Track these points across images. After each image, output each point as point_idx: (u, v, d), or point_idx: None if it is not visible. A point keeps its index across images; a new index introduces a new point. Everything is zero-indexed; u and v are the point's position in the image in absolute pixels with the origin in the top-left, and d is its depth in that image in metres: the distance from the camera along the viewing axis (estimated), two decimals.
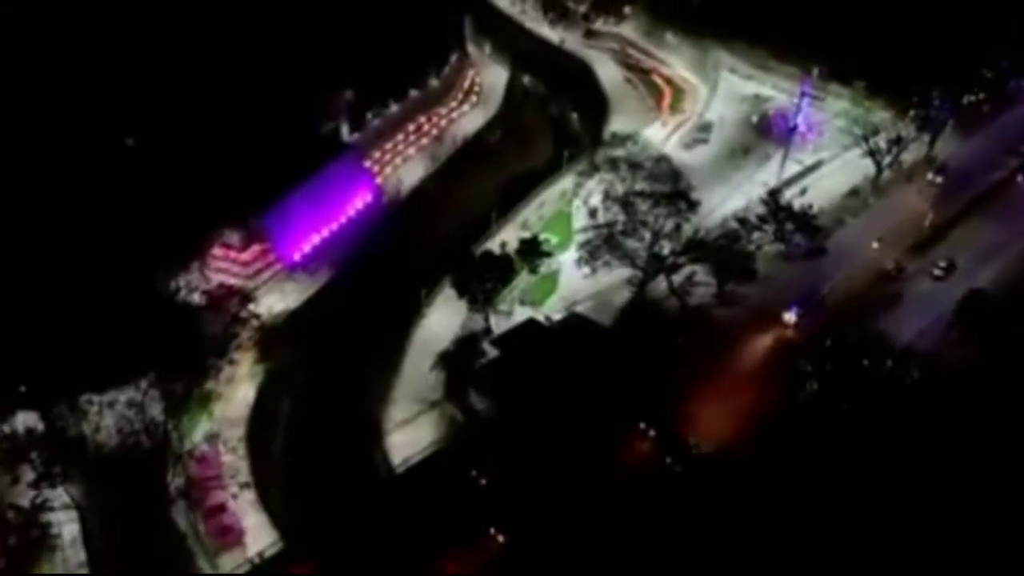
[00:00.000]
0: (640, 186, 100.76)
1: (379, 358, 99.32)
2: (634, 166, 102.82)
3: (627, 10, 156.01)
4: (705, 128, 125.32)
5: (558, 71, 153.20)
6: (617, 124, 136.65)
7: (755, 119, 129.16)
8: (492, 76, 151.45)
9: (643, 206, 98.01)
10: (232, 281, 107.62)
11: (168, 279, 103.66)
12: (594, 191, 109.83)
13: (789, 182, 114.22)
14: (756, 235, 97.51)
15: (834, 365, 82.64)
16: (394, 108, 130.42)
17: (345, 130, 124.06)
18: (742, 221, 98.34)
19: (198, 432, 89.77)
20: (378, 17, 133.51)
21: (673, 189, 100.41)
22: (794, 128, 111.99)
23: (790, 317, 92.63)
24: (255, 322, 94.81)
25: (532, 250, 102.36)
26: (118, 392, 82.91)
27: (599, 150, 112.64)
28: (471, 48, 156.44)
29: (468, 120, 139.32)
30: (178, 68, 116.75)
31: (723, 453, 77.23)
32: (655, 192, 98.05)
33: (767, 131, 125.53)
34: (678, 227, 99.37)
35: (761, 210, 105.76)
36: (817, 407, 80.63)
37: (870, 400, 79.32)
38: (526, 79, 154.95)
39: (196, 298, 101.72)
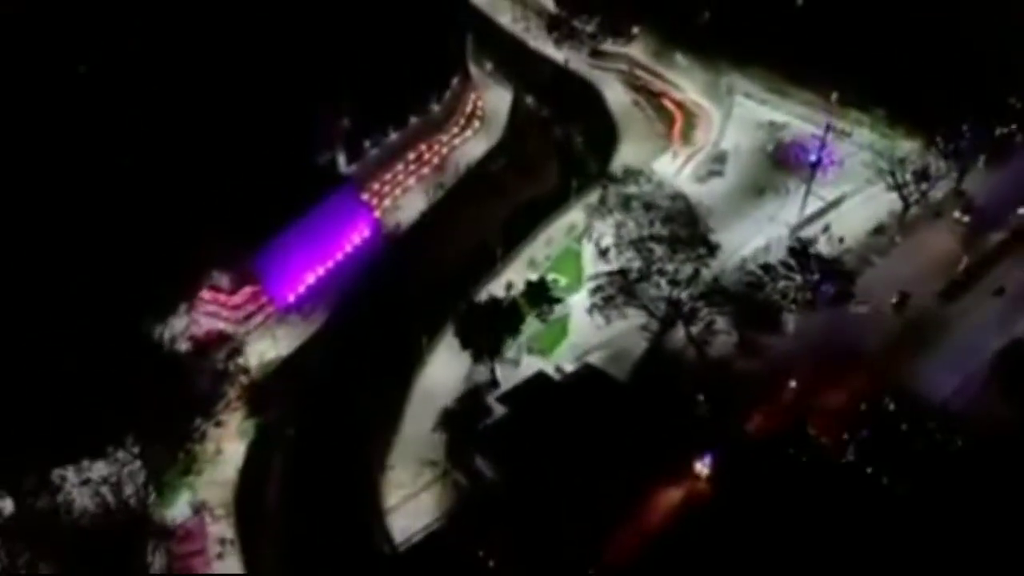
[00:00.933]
0: (655, 229, 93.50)
1: (378, 412, 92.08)
2: (648, 206, 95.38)
3: (635, 30, 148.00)
4: (720, 159, 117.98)
5: (563, 93, 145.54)
6: (626, 151, 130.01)
7: (770, 148, 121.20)
8: (495, 99, 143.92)
9: (660, 251, 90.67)
10: (221, 326, 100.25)
11: (153, 325, 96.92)
12: (605, 230, 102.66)
13: (811, 219, 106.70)
14: (782, 283, 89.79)
15: (871, 432, 75.31)
16: (393, 136, 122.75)
17: (342, 161, 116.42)
18: (766, 268, 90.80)
19: (181, 501, 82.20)
20: (376, 40, 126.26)
21: (691, 232, 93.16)
22: (817, 163, 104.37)
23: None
24: (244, 378, 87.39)
25: (540, 295, 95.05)
26: (94, 462, 75.58)
27: (609, 187, 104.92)
28: (473, 69, 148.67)
29: (470, 147, 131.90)
30: (163, 93, 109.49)
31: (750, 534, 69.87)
32: (672, 236, 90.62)
33: (784, 162, 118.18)
34: (696, 272, 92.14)
35: (783, 251, 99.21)
36: (854, 480, 73.24)
37: (913, 472, 72.11)
38: (529, 100, 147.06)
39: (183, 345, 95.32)
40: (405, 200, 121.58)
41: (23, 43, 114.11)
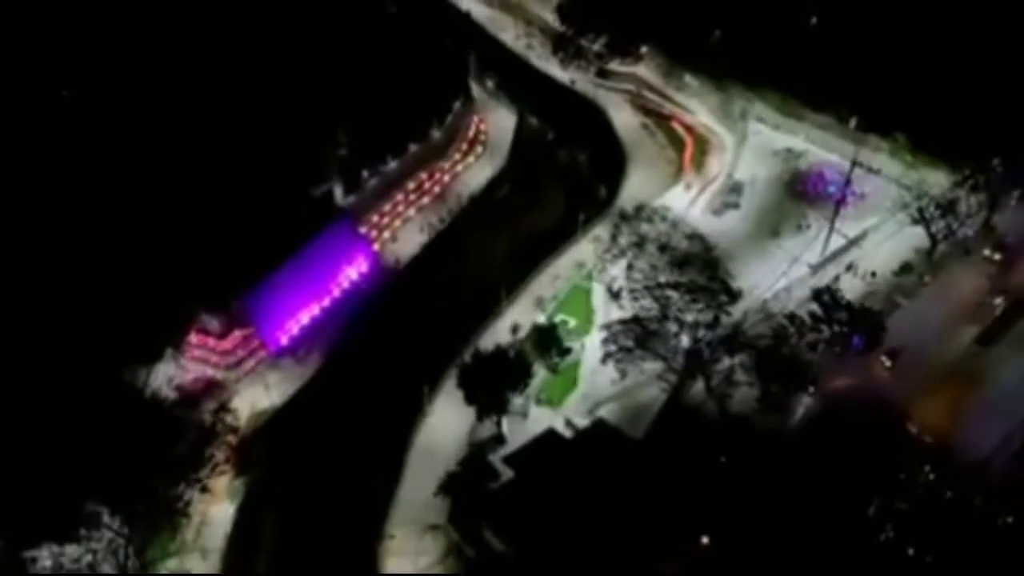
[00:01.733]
0: (671, 274, 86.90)
1: (376, 469, 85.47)
2: (663, 247, 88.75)
3: (643, 49, 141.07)
4: (735, 190, 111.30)
5: (569, 115, 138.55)
6: (635, 179, 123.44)
7: (787, 177, 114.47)
8: (498, 121, 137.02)
9: (677, 297, 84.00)
10: (210, 373, 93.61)
11: (137, 373, 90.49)
12: (616, 269, 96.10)
13: (833, 257, 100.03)
14: (809, 335, 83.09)
15: (911, 504, 68.62)
16: (392, 165, 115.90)
17: (338, 192, 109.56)
18: (792, 318, 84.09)
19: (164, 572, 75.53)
20: (373, 63, 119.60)
21: (710, 276, 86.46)
22: (841, 200, 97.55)
23: None
24: (232, 438, 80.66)
25: (549, 343, 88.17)
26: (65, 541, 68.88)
27: (621, 225, 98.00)
28: (475, 89, 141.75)
29: (473, 174, 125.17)
30: (144, 121, 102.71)
31: None
32: (690, 283, 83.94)
33: (803, 193, 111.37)
34: (716, 319, 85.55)
35: (806, 290, 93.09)
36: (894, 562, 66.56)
37: (959, 550, 65.44)
38: (533, 122, 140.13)
39: (168, 393, 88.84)
40: (405, 232, 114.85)
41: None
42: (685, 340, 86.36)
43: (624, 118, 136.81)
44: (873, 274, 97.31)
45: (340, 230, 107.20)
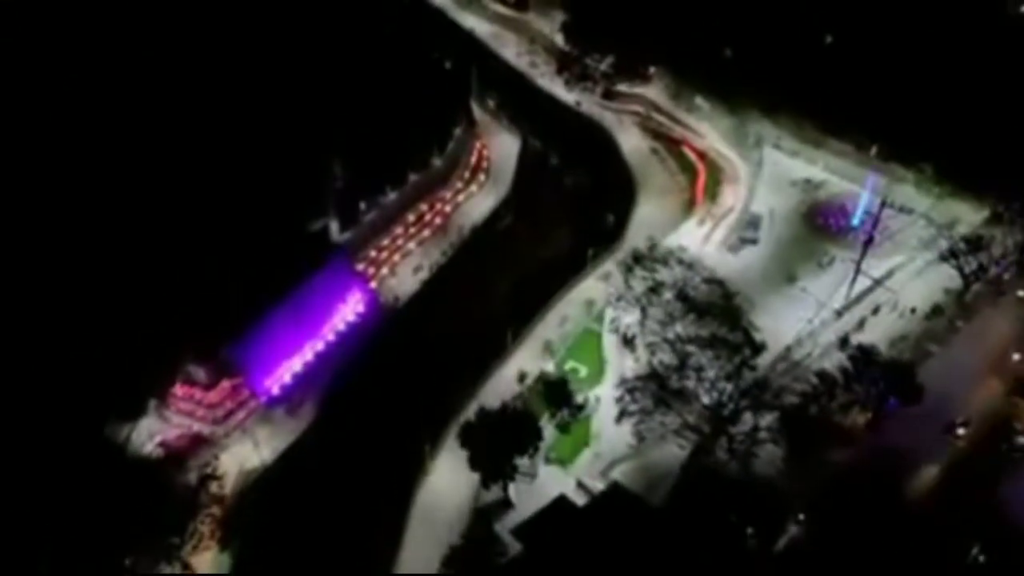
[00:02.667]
0: (689, 324, 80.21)
1: (373, 535, 78.71)
2: (681, 295, 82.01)
3: (651, 69, 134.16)
4: (753, 224, 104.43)
5: (574, 139, 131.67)
6: (645, 209, 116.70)
7: (806, 210, 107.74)
8: (501, 145, 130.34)
9: (698, 353, 77.30)
10: (197, 427, 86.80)
11: (118, 428, 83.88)
12: (629, 316, 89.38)
13: (858, 299, 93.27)
14: (840, 396, 76.38)
15: None
16: (391, 196, 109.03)
17: (334, 228, 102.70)
18: (822, 376, 77.31)
19: None
20: (371, 88, 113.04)
21: (732, 326, 79.70)
22: (869, 242, 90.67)
23: None
24: (217, 509, 73.83)
25: (559, 398, 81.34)
26: None
27: (634, 268, 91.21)
28: (476, 111, 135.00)
29: (476, 203, 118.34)
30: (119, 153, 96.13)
31: None
32: (712, 336, 77.19)
33: (824, 227, 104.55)
34: (739, 371, 78.85)
35: (830, 336, 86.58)
36: None
37: None
38: (536, 144, 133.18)
39: (151, 450, 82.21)
40: (404, 267, 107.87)
41: None
42: (705, 395, 79.69)
43: (632, 142, 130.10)
44: (913, 310, 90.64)
45: (336, 268, 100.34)
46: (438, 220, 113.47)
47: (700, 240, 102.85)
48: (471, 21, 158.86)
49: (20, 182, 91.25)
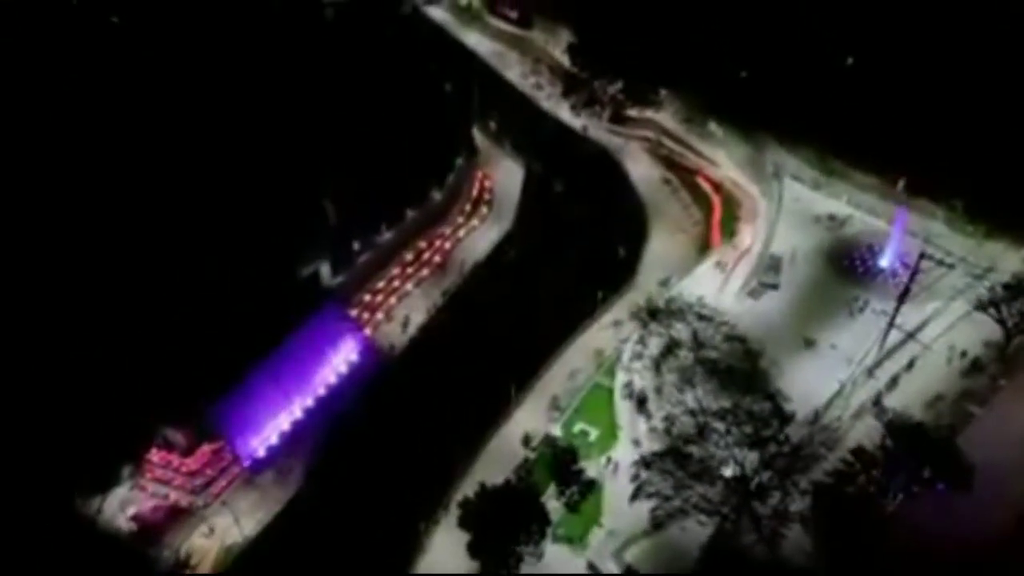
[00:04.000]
0: (709, 392, 72.26)
1: None
2: (701, 360, 74.06)
3: (662, 93, 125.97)
4: (774, 266, 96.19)
5: (582, 166, 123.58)
6: (657, 245, 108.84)
7: (830, 249, 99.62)
8: (504, 175, 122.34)
9: (720, 426, 69.41)
10: (174, 497, 79.00)
11: (87, 499, 76.17)
12: (642, 376, 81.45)
13: (890, 354, 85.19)
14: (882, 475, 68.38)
15: None
16: (387, 235, 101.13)
17: (325, 272, 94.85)
18: (858, 454, 69.26)
19: None
20: (364, 115, 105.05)
21: (756, 393, 71.69)
22: (904, 295, 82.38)
23: None
24: None
25: (568, 474, 73.40)
26: None
27: (650, 325, 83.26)
28: (478, 135, 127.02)
29: (478, 239, 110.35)
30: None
31: None
32: (734, 406, 69.24)
33: (851, 269, 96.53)
34: (765, 442, 70.90)
35: (861, 396, 78.58)
36: None
37: None
38: (541, 171, 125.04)
39: (123, 523, 74.48)
40: (401, 311, 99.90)
41: None
42: (727, 466, 71.80)
43: (643, 170, 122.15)
44: (964, 353, 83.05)
45: (327, 316, 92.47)
46: (437, 258, 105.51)
47: (717, 285, 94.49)
48: (473, 39, 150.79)
49: None
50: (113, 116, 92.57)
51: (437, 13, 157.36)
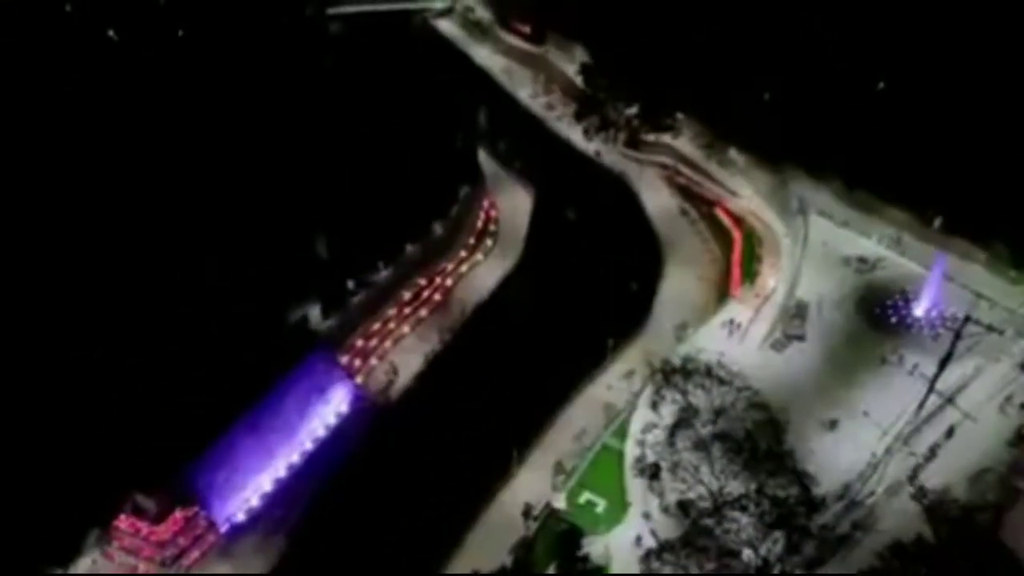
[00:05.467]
0: (728, 465, 64.07)
1: None
2: (721, 435, 65.88)
3: (679, 116, 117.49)
4: (799, 314, 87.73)
5: (594, 194, 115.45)
6: (673, 282, 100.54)
7: (860, 296, 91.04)
8: (511, 203, 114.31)
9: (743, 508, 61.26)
10: (143, 568, 71.60)
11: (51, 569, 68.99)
12: (655, 441, 73.30)
13: (928, 419, 76.49)
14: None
15: None
16: (384, 273, 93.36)
17: (315, 315, 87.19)
18: (898, 550, 60.85)
19: None
20: (362, 142, 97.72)
21: (783, 475, 63.42)
22: (946, 361, 73.49)
23: None
24: None
25: (571, 556, 65.41)
26: None
27: (664, 390, 75.14)
28: (484, 158, 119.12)
29: (482, 275, 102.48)
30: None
31: None
32: (761, 493, 60.99)
33: (882, 319, 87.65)
34: (789, 523, 62.68)
35: (898, 470, 70.17)
36: None
37: None
38: (551, 199, 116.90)
39: None
40: (397, 356, 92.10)
41: None
42: (746, 551, 63.62)
43: (659, 200, 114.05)
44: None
45: (315, 364, 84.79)
46: (437, 297, 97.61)
47: (738, 336, 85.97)
48: (483, 54, 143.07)
49: None
50: (88, 141, 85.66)
51: (447, 26, 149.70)
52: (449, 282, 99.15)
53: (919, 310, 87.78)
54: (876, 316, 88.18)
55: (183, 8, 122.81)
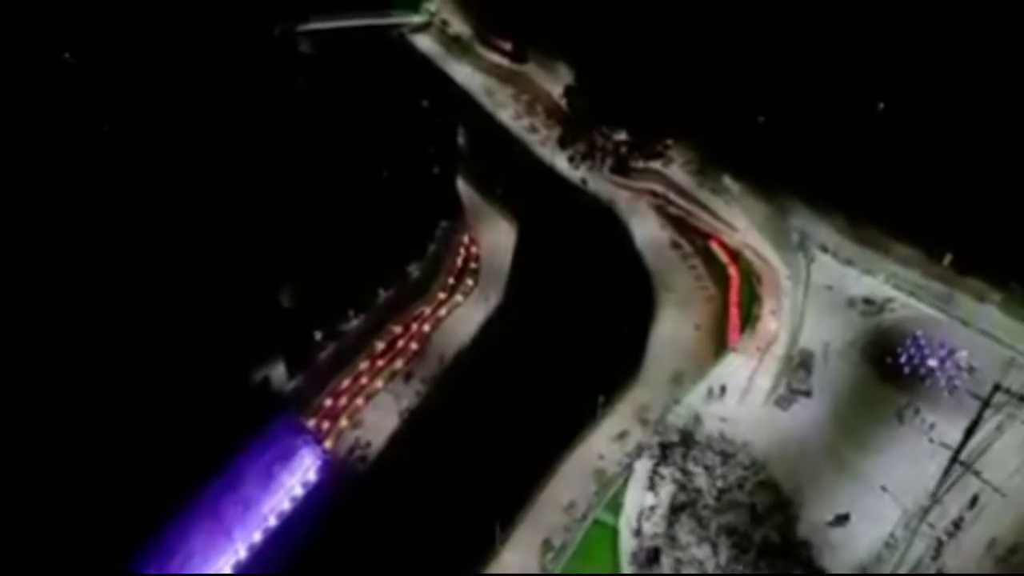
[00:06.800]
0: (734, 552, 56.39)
1: None
2: (728, 531, 58.18)
3: (668, 142, 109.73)
4: (804, 364, 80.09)
5: (580, 225, 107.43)
6: (667, 324, 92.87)
7: (868, 342, 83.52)
8: (493, 237, 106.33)
9: None
10: None
11: None
12: (651, 526, 65.45)
13: (951, 486, 69.00)
14: None
15: None
16: (355, 322, 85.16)
17: (279, 373, 78.91)
18: None
19: None
20: (329, 176, 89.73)
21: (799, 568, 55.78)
22: (973, 428, 65.97)
23: None
24: None
25: None
26: None
27: (663, 458, 67.40)
28: (462, 186, 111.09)
29: (462, 319, 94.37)
30: None
31: None
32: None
33: (893, 369, 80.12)
34: None
35: (917, 537, 62.72)
36: None
37: None
38: (535, 230, 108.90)
39: None
40: (370, 415, 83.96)
41: None
42: None
43: (649, 231, 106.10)
44: None
45: (279, 429, 76.59)
46: (414, 346, 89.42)
47: (739, 390, 78.22)
48: (463, 72, 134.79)
49: None
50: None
51: (425, 42, 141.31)
52: (426, 328, 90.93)
53: (933, 359, 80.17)
54: (887, 366, 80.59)
55: (134, 31, 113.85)
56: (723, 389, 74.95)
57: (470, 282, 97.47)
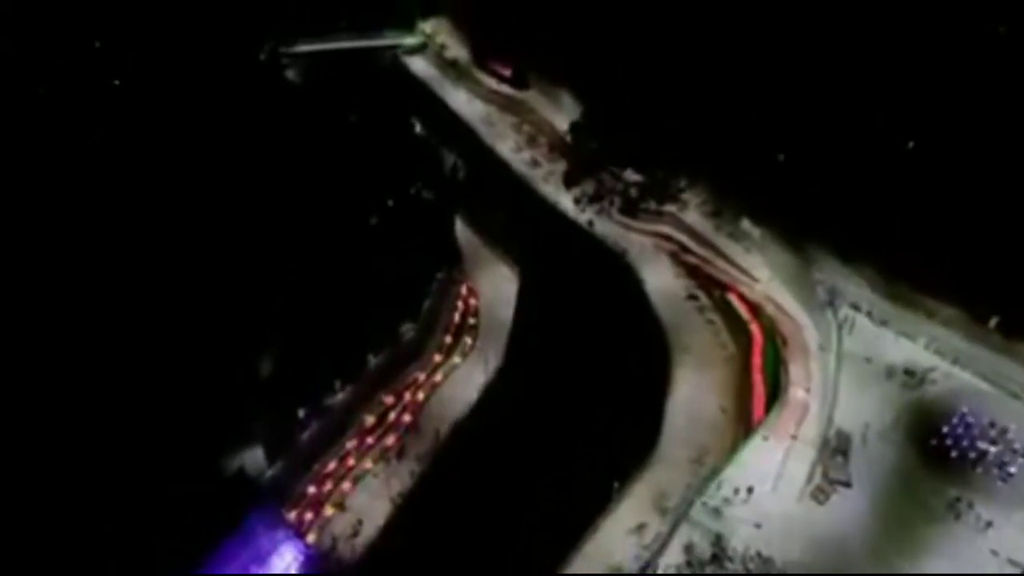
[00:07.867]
0: None
1: None
2: None
3: (683, 182, 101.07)
4: (841, 448, 71.52)
5: (586, 273, 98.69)
6: (684, 389, 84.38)
7: (910, 421, 74.92)
8: (492, 285, 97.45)
9: None
10: None
11: None
12: None
13: None
14: None
15: None
16: (342, 395, 76.31)
17: (257, 459, 70.01)
18: None
19: None
20: (312, 226, 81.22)
21: None
22: None
23: None
24: None
25: None
26: None
27: (688, 566, 58.89)
28: (460, 228, 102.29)
29: (460, 383, 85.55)
30: None
31: None
32: None
33: (940, 452, 71.53)
34: None
35: None
36: None
37: None
38: (538, 278, 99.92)
39: None
40: (358, 500, 75.10)
41: None
42: None
43: (663, 281, 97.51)
44: None
45: (256, 524, 67.78)
46: (407, 418, 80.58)
47: (772, 478, 69.57)
48: (460, 99, 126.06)
49: None
50: None
51: (420, 66, 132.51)
52: (420, 396, 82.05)
53: (983, 442, 71.65)
54: (933, 449, 71.94)
55: (116, 57, 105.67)
56: (750, 490, 66.14)
57: (468, 340, 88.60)
